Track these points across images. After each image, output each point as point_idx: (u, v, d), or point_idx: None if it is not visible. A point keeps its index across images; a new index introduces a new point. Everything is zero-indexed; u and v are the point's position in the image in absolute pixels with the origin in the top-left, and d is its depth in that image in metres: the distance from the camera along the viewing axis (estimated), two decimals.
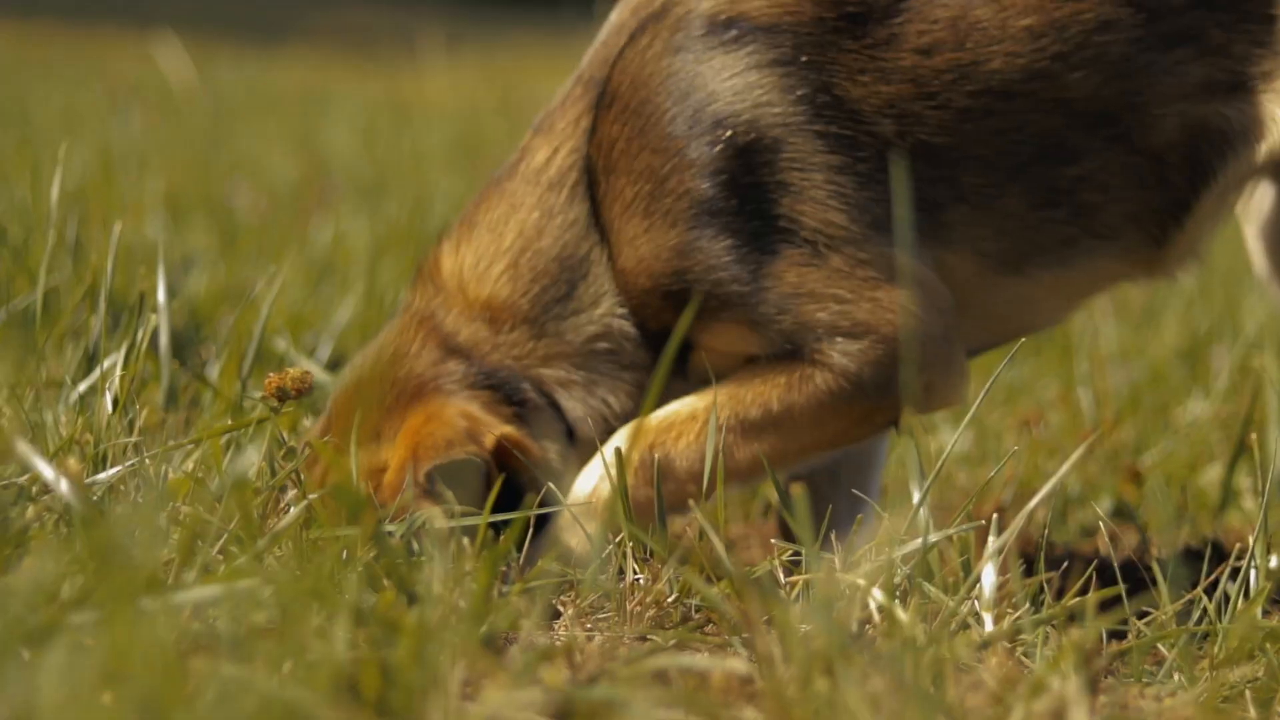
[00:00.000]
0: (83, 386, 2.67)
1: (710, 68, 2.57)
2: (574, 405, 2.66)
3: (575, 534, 2.49)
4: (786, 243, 2.54)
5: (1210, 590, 2.29)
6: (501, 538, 2.03)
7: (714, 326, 2.58)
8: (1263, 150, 2.62)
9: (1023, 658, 2.07)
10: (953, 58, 2.58)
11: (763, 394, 2.54)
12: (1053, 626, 2.12)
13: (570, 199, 2.67)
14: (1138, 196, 2.63)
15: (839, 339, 2.52)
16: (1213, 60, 2.60)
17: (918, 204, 2.54)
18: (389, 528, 2.19)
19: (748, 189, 2.54)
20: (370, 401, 2.60)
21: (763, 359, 2.57)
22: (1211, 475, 3.54)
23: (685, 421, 2.55)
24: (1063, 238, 2.64)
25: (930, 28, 2.58)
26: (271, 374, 2.40)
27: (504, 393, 2.63)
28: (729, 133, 2.54)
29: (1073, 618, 2.12)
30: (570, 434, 2.65)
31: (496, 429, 2.54)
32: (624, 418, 2.65)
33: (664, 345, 2.47)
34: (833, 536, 2.36)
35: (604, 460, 2.47)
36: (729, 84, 2.56)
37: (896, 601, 2.05)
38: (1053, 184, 2.61)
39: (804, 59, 2.56)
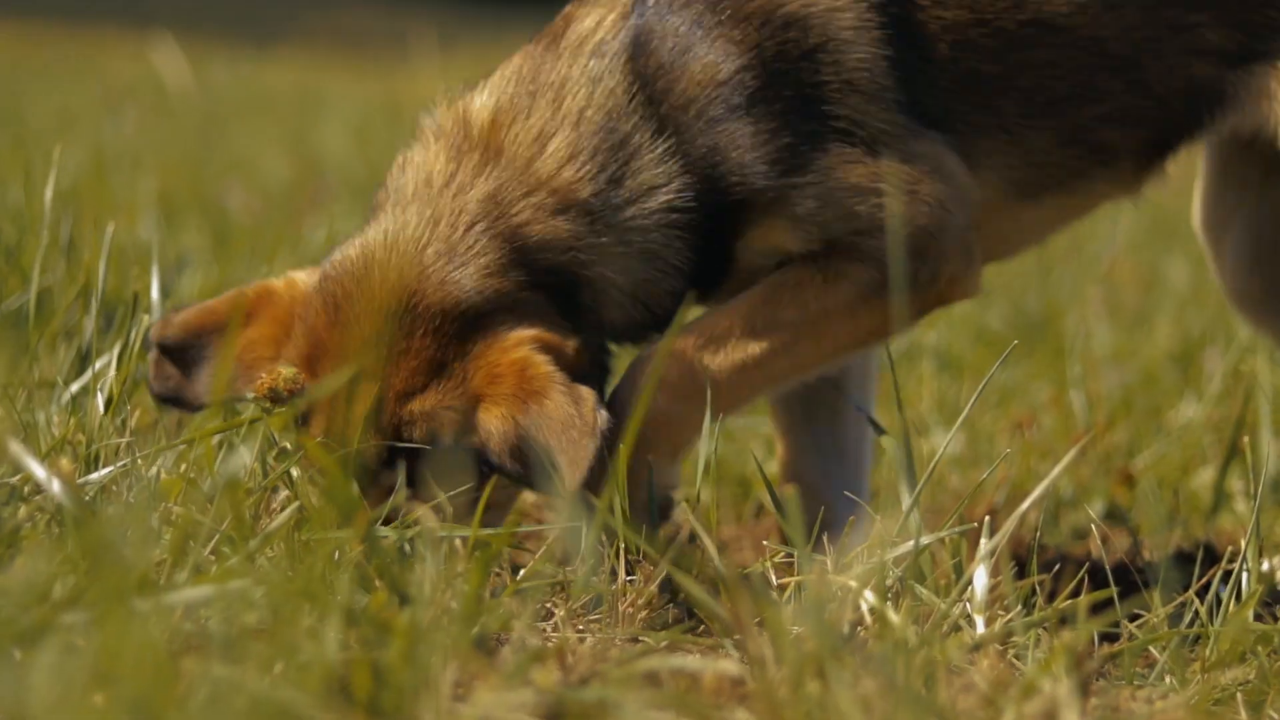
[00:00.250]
0: (75, 387, 2.67)
1: None
2: (615, 312, 2.60)
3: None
4: (840, 140, 2.57)
5: (1202, 593, 2.29)
6: (493, 543, 2.03)
7: (760, 223, 2.59)
8: (1249, 117, 2.74)
9: (1014, 660, 2.07)
10: None
11: (799, 294, 2.57)
12: (1044, 629, 2.12)
13: (624, 76, 2.59)
14: (1139, 135, 2.77)
15: (877, 232, 2.55)
16: (1228, 30, 2.72)
17: (961, 126, 2.65)
18: (381, 530, 2.19)
19: (810, 88, 2.58)
20: (412, 328, 2.47)
21: (797, 260, 2.60)
22: (1204, 478, 3.54)
23: (722, 334, 2.56)
24: (1076, 170, 2.77)
25: None
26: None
27: (562, 298, 2.55)
28: (798, 33, 2.58)
29: (1064, 620, 2.12)
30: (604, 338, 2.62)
31: (568, 343, 2.48)
32: (663, 321, 2.60)
33: (710, 250, 2.55)
34: (825, 538, 2.35)
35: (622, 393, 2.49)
36: None
37: (888, 603, 2.05)
38: (1079, 121, 2.73)
39: None
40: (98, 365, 2.66)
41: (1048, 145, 2.73)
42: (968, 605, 2.13)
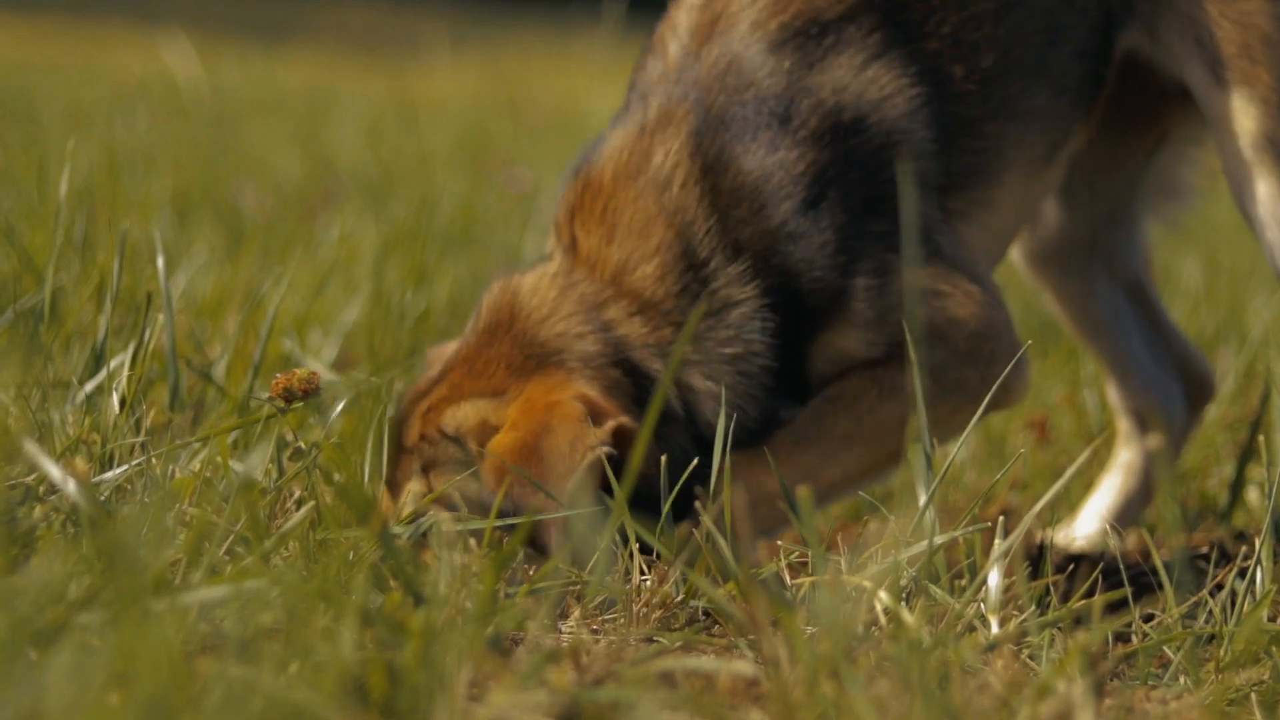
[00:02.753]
0: (89, 386, 2.67)
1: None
2: (706, 410, 2.65)
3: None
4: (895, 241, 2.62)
5: (1216, 593, 2.29)
6: (506, 542, 2.03)
7: (828, 328, 2.63)
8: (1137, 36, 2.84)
9: (1029, 660, 2.07)
10: None
11: (854, 407, 2.60)
12: (1059, 629, 2.12)
13: (698, 205, 2.69)
14: (1091, 69, 2.83)
15: (933, 338, 2.56)
16: None
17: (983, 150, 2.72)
18: (396, 529, 2.19)
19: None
20: (497, 356, 2.65)
21: (856, 369, 2.62)
22: (1218, 477, 3.54)
23: (775, 446, 2.57)
24: (1071, 118, 2.82)
25: None
26: (278, 374, 2.40)
27: (636, 384, 2.64)
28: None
29: (1079, 620, 2.12)
30: (699, 439, 2.63)
31: (615, 417, 2.54)
32: (759, 424, 2.65)
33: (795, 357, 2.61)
34: (838, 538, 2.36)
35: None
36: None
37: (903, 604, 2.04)
38: (1060, 66, 2.78)
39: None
40: (112, 365, 2.66)
41: (1046, 105, 2.77)
42: (982, 605, 2.13)
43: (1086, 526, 3.20)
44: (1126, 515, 3.21)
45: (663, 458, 2.44)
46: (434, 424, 2.60)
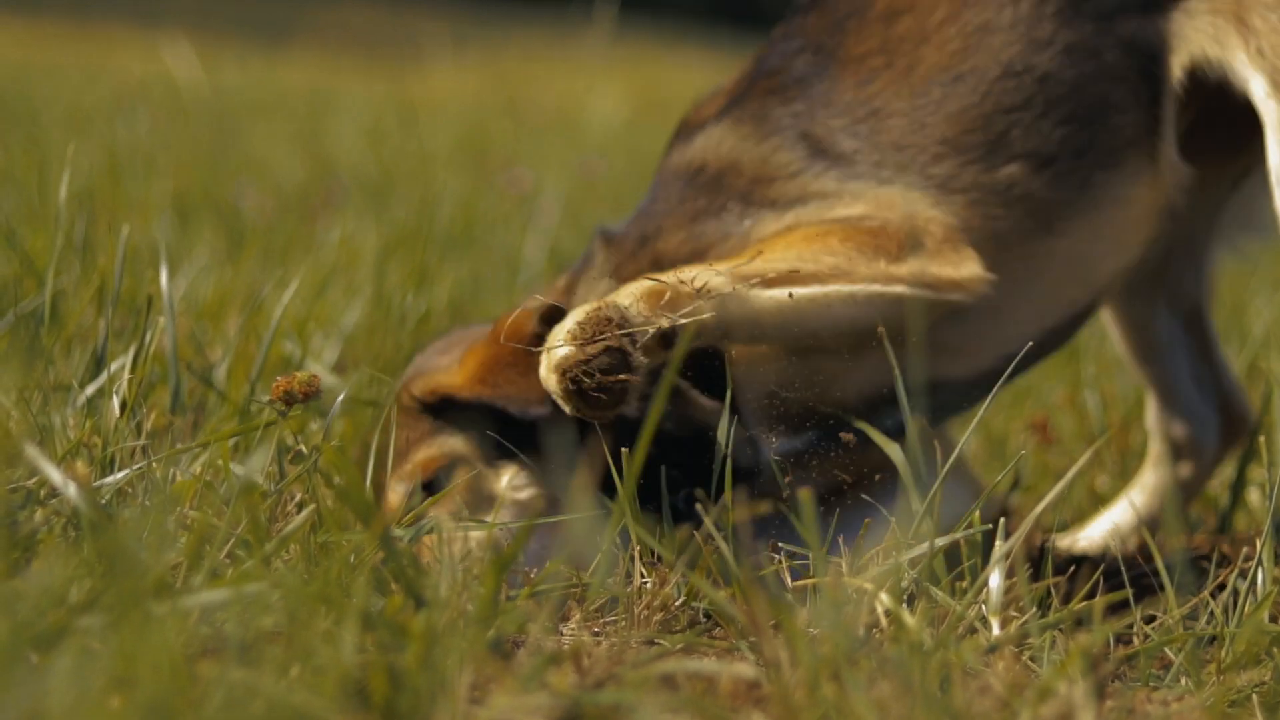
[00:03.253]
0: (90, 389, 2.67)
1: None
2: None
3: None
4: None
5: (1217, 594, 2.29)
6: (508, 545, 2.03)
7: None
8: (1177, 65, 2.79)
9: (1030, 662, 2.07)
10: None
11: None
12: (1060, 631, 2.12)
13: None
14: (1117, 121, 2.80)
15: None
16: None
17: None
18: (397, 531, 2.19)
19: None
20: None
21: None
22: (1219, 479, 3.54)
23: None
24: (1079, 183, 2.79)
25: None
26: (279, 377, 2.40)
27: None
28: None
29: (1080, 622, 2.12)
30: None
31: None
32: None
33: None
34: (840, 540, 2.36)
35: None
36: None
37: (904, 606, 2.04)
38: (1045, 136, 2.77)
39: None
40: (113, 368, 2.66)
41: (1022, 175, 2.76)
42: (983, 607, 2.13)
43: (1095, 534, 3.20)
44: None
45: None
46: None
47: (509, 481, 2.64)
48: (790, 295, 2.50)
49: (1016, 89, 2.77)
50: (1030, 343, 2.71)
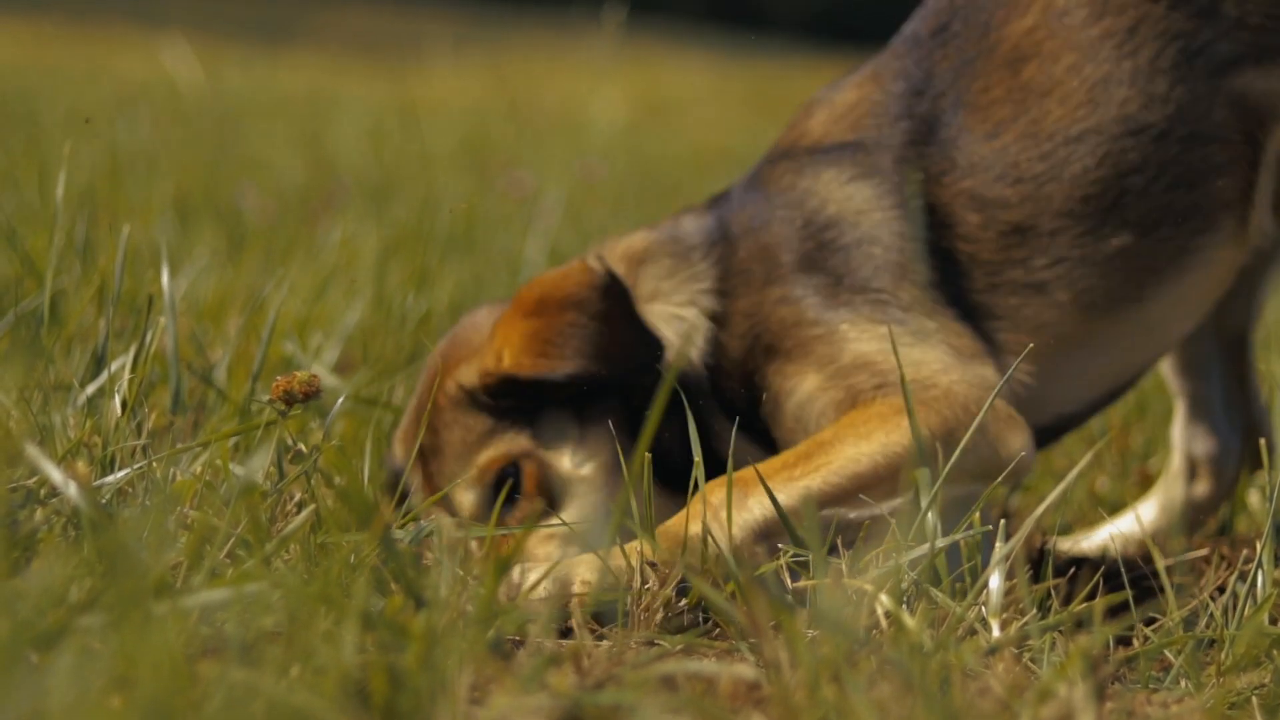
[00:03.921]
0: (91, 389, 2.67)
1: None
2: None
3: None
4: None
5: (1217, 596, 2.29)
6: (508, 545, 2.03)
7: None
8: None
9: (1030, 664, 2.07)
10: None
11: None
12: (1060, 633, 2.12)
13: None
14: (1217, 184, 2.74)
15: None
16: (1234, 34, 2.72)
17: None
18: (397, 532, 2.19)
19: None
20: None
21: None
22: None
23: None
24: (1178, 248, 2.74)
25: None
26: (279, 377, 2.40)
27: None
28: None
29: (1080, 624, 2.12)
30: None
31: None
32: None
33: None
34: (839, 542, 2.36)
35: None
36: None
37: (904, 607, 2.04)
38: (1151, 200, 2.72)
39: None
40: (113, 367, 2.66)
41: (1129, 244, 2.71)
42: (983, 609, 2.13)
43: (1097, 540, 3.21)
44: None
45: None
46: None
47: (571, 460, 2.62)
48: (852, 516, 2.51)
49: (1135, 149, 2.69)
50: (1090, 402, 2.72)
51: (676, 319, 2.74)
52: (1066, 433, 2.83)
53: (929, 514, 2.25)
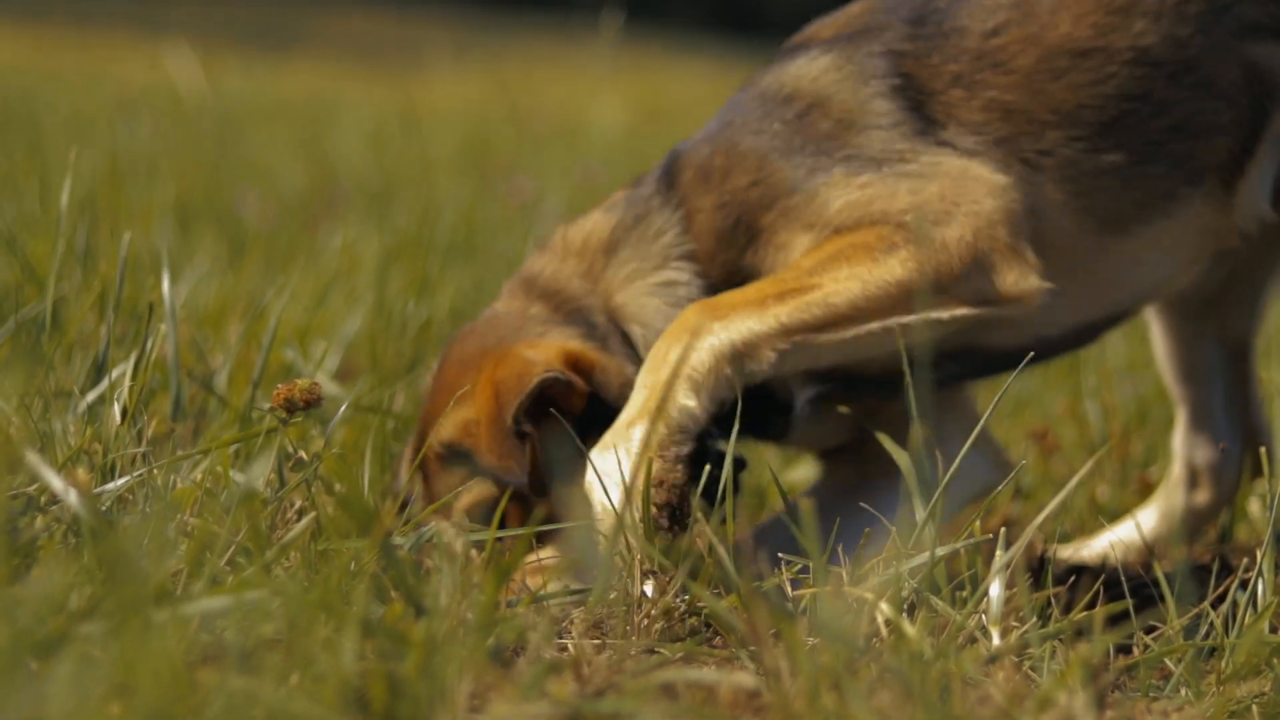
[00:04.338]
0: (91, 396, 2.67)
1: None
2: (641, 334, 2.75)
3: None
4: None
5: (1218, 605, 2.29)
6: (509, 553, 2.03)
7: None
8: None
9: (1030, 672, 2.07)
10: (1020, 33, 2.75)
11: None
12: (1060, 641, 2.12)
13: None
14: (1214, 142, 2.76)
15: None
16: (1263, 2, 2.75)
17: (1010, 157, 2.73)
18: (397, 540, 2.19)
19: None
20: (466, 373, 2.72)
21: None
22: None
23: (749, 303, 2.57)
24: (1162, 191, 2.75)
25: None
26: (280, 385, 2.40)
27: (581, 323, 2.76)
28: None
29: (1080, 632, 2.12)
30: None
31: (563, 345, 2.67)
32: None
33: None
34: (840, 549, 2.35)
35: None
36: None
37: (904, 615, 2.04)
38: (1147, 137, 2.73)
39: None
40: (114, 375, 2.66)
41: (1119, 166, 2.72)
42: (983, 617, 2.13)
43: (1097, 548, 3.21)
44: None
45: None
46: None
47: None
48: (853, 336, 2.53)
49: (1144, 79, 2.71)
50: (1063, 330, 2.72)
51: (661, 287, 2.75)
52: (1037, 362, 2.81)
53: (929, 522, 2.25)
